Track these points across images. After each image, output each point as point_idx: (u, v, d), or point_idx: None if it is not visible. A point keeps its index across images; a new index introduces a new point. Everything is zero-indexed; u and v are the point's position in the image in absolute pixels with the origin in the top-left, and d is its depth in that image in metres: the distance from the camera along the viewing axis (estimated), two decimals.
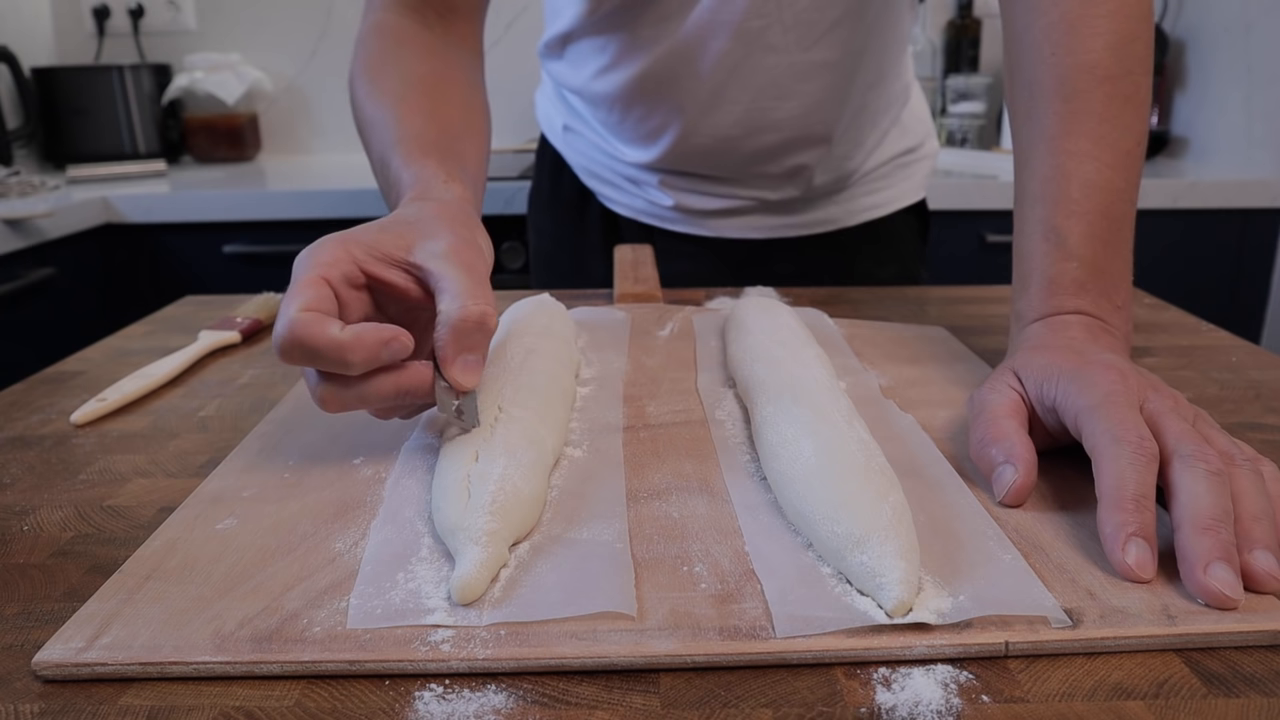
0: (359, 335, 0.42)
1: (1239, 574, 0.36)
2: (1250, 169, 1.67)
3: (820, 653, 0.33)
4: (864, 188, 0.93)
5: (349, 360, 0.42)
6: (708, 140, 0.84)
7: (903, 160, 0.95)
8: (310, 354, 0.42)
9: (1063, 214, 0.53)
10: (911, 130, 0.95)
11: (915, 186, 0.97)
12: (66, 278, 1.48)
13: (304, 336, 0.41)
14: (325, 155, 2.12)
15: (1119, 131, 0.54)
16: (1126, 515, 0.38)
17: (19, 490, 0.48)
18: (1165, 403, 0.43)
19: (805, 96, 0.82)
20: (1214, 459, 0.39)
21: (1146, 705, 0.31)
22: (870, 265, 0.96)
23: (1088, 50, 0.55)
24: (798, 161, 0.87)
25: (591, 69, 0.86)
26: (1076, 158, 0.54)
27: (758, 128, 0.83)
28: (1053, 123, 0.55)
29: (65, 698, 0.32)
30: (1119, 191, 0.53)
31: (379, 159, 0.61)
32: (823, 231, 0.94)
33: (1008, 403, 0.47)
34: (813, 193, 0.91)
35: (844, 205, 0.93)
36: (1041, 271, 0.53)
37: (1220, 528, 0.37)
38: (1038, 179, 0.55)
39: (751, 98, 0.81)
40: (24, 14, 1.95)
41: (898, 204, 0.96)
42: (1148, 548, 0.37)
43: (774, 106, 0.82)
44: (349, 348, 0.42)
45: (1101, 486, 0.39)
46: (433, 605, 0.35)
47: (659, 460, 0.48)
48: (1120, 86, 0.54)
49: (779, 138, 0.85)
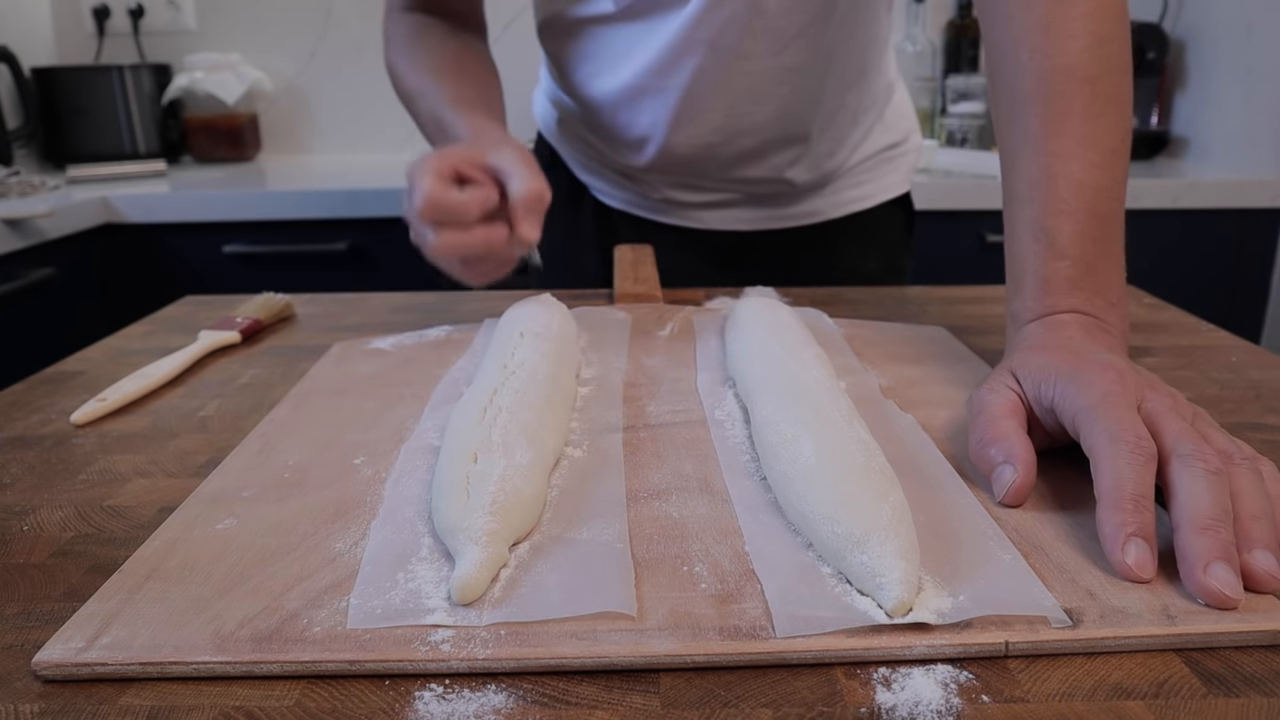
0: (473, 194, 0.60)
1: (1239, 573, 0.36)
2: (1250, 169, 1.67)
3: (820, 653, 0.33)
4: (848, 180, 0.95)
5: (469, 211, 0.60)
6: (689, 148, 0.87)
7: (886, 155, 0.97)
8: (442, 210, 0.59)
9: (1051, 214, 0.53)
10: (895, 126, 0.97)
11: (899, 180, 0.98)
12: (66, 278, 1.48)
13: (440, 197, 0.59)
14: (325, 155, 2.11)
15: (1103, 130, 0.54)
16: (1125, 515, 0.38)
17: (19, 490, 0.48)
18: (1163, 401, 0.43)
19: (779, 100, 0.84)
20: (1213, 458, 0.39)
21: (1146, 705, 0.31)
22: (856, 257, 0.97)
23: (1066, 53, 0.55)
24: (778, 161, 0.89)
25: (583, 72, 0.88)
26: (1062, 158, 0.54)
27: (736, 132, 0.86)
28: (1036, 125, 0.55)
29: (65, 698, 0.32)
30: (1106, 189, 0.54)
31: (431, 118, 0.77)
32: (808, 224, 0.96)
33: (1006, 403, 0.47)
34: (796, 189, 0.93)
35: (828, 198, 0.95)
36: (1034, 272, 0.54)
37: (1219, 527, 0.37)
38: (1025, 181, 0.55)
39: (728, 105, 0.83)
40: (24, 14, 1.95)
41: (881, 197, 0.97)
42: (1147, 547, 0.37)
43: (750, 111, 0.84)
44: (469, 202, 0.60)
45: (1100, 487, 0.39)
46: (433, 605, 0.35)
47: (659, 460, 0.48)
48: (1101, 87, 0.55)
49: (757, 140, 0.87)
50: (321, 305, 0.83)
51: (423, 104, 0.78)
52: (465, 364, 0.62)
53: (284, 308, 0.78)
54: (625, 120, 0.87)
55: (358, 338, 0.71)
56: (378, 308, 0.82)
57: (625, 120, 0.87)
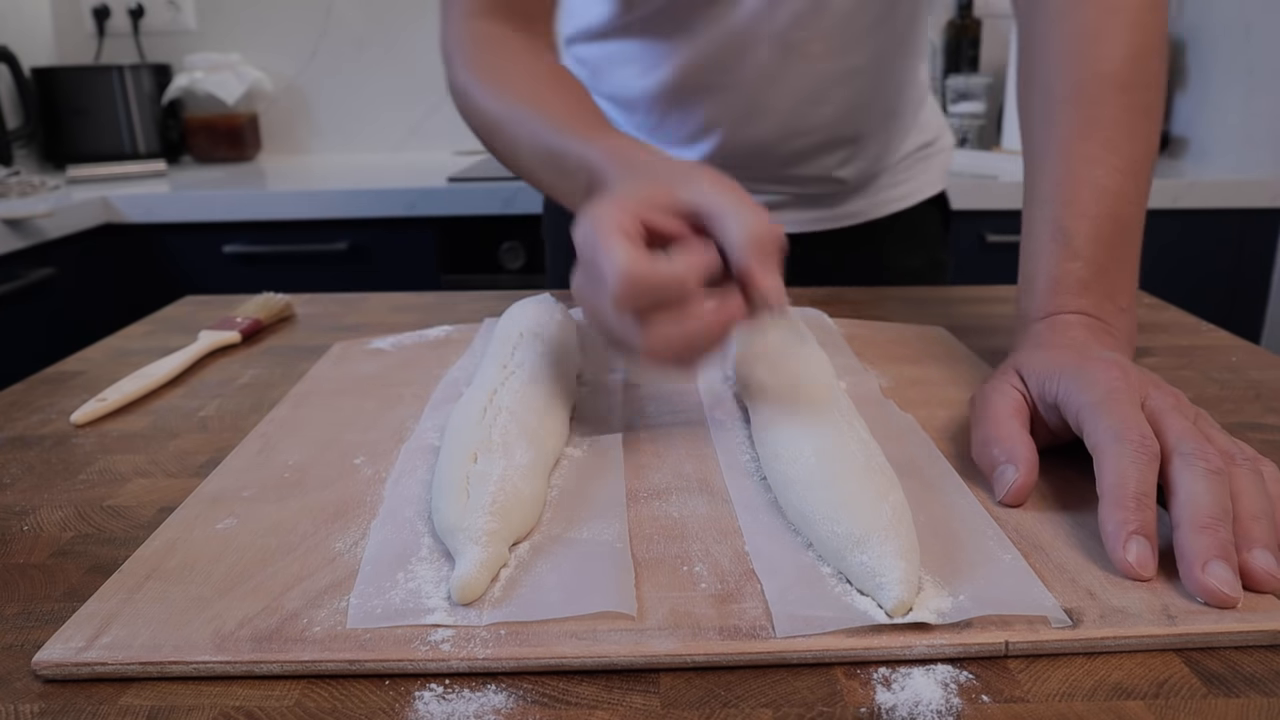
0: (686, 257, 0.43)
1: (1237, 572, 0.36)
2: (1250, 169, 1.67)
3: (820, 653, 0.33)
4: (888, 179, 0.95)
5: (687, 283, 0.42)
6: (746, 146, 0.85)
7: (922, 154, 0.97)
8: (649, 290, 0.42)
9: (1071, 215, 0.53)
10: (928, 126, 0.97)
11: (935, 178, 0.99)
12: (66, 278, 1.48)
13: (642, 274, 0.41)
14: (325, 155, 2.11)
15: (1131, 140, 0.54)
16: (1128, 513, 0.38)
17: (19, 490, 0.48)
18: (1167, 400, 0.43)
19: (840, 102, 0.83)
20: (1214, 458, 0.39)
21: (1146, 705, 0.31)
22: (901, 254, 0.97)
23: (1106, 60, 0.55)
24: (829, 162, 0.89)
25: (627, 72, 0.86)
26: (1088, 162, 0.54)
27: (794, 133, 0.85)
28: (1066, 128, 0.55)
29: (65, 698, 0.32)
30: (1129, 197, 0.54)
31: (538, 149, 0.60)
32: (853, 224, 0.95)
33: (1010, 402, 0.47)
34: (845, 188, 0.92)
35: (871, 198, 0.95)
36: (1046, 271, 0.54)
37: (1219, 526, 0.37)
38: (1049, 181, 0.55)
39: (790, 106, 0.82)
40: (24, 14, 1.95)
41: (920, 195, 0.97)
42: (1149, 546, 0.37)
43: (810, 113, 0.83)
44: (685, 273, 0.42)
45: (1103, 484, 0.39)
46: (433, 605, 0.35)
47: (659, 460, 0.48)
48: (1136, 97, 0.55)
49: (813, 141, 0.86)
50: (321, 305, 0.83)
51: (521, 131, 0.62)
52: (465, 364, 0.62)
53: (284, 308, 0.78)
54: (680, 115, 0.84)
55: (358, 338, 0.71)
56: (378, 308, 0.82)
57: (680, 115, 0.84)
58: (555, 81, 0.65)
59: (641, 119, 0.88)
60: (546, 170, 0.60)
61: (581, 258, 0.44)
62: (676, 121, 0.85)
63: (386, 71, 2.07)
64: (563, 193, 0.60)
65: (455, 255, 1.62)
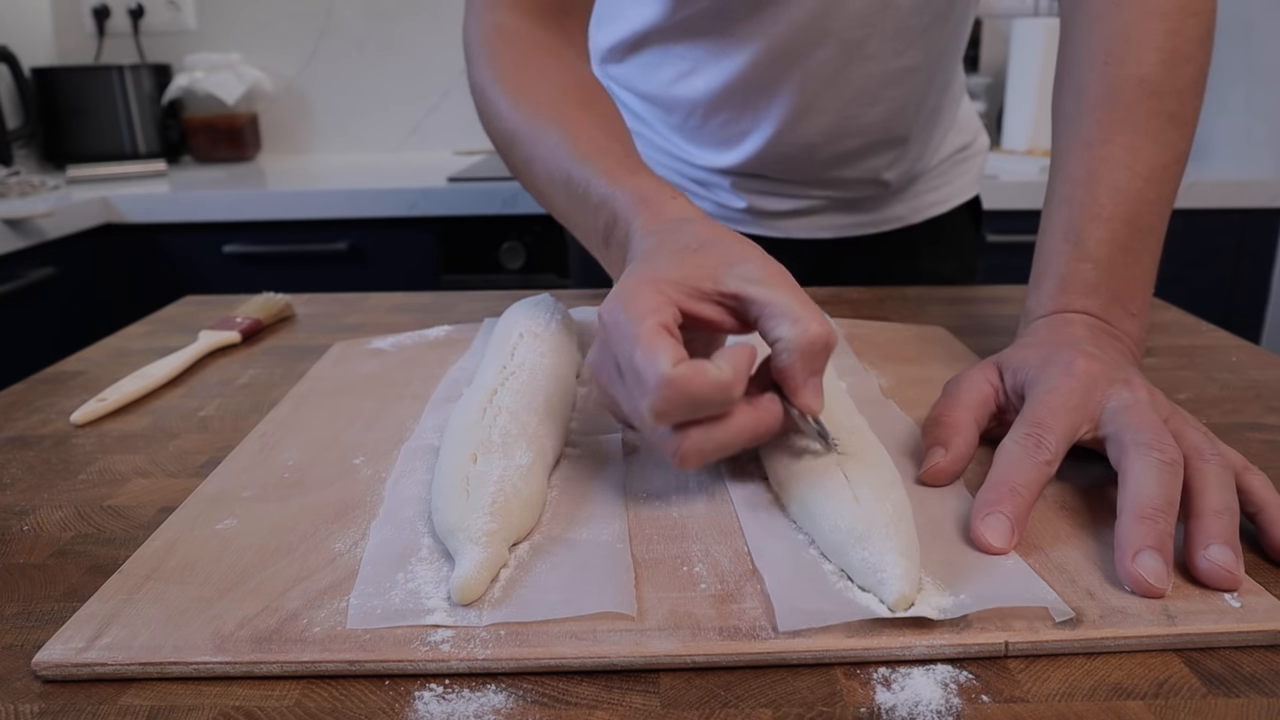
0: (732, 365, 0.39)
1: (1170, 564, 0.36)
2: (1250, 169, 1.67)
3: (820, 652, 0.33)
4: (927, 184, 0.93)
5: (735, 395, 0.39)
6: (792, 147, 0.83)
7: (959, 157, 0.96)
8: (697, 405, 0.39)
9: (1087, 217, 0.53)
10: (965, 127, 0.96)
11: (970, 182, 0.97)
12: (66, 278, 1.48)
13: (694, 390, 0.38)
14: (325, 155, 2.12)
15: (1158, 146, 0.54)
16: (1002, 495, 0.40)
17: (19, 490, 0.48)
18: (1138, 394, 0.43)
19: (891, 102, 0.81)
20: (1170, 449, 0.39)
21: (1146, 705, 0.31)
22: (933, 261, 0.96)
23: (1141, 64, 0.55)
24: (874, 164, 0.87)
25: (670, 74, 0.83)
26: (1110, 164, 0.54)
27: (842, 134, 0.83)
28: (1093, 129, 0.55)
29: (65, 698, 0.32)
30: (1149, 203, 0.53)
31: (558, 171, 0.56)
32: (889, 230, 0.93)
33: (975, 393, 0.48)
34: (887, 190, 0.91)
35: (909, 203, 0.93)
36: (1055, 270, 0.53)
37: (1159, 517, 0.37)
38: (1069, 181, 0.55)
39: (842, 106, 0.80)
40: (24, 14, 1.95)
41: (956, 200, 0.96)
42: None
43: (861, 113, 0.81)
44: (732, 383, 0.39)
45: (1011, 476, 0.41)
46: (432, 605, 0.35)
47: (659, 460, 0.48)
48: (1167, 103, 0.54)
49: (860, 142, 0.84)
50: (321, 305, 0.83)
51: (539, 149, 0.57)
52: (465, 364, 0.62)
53: (284, 308, 0.78)
54: (727, 115, 0.82)
55: (358, 338, 0.71)
56: (378, 308, 0.82)
57: (727, 115, 0.82)
58: (583, 97, 0.60)
59: (680, 120, 0.85)
60: (563, 197, 0.56)
61: (609, 341, 0.41)
62: (721, 123, 0.83)
63: (386, 71, 2.07)
64: (577, 224, 0.56)
65: (455, 255, 1.62)
